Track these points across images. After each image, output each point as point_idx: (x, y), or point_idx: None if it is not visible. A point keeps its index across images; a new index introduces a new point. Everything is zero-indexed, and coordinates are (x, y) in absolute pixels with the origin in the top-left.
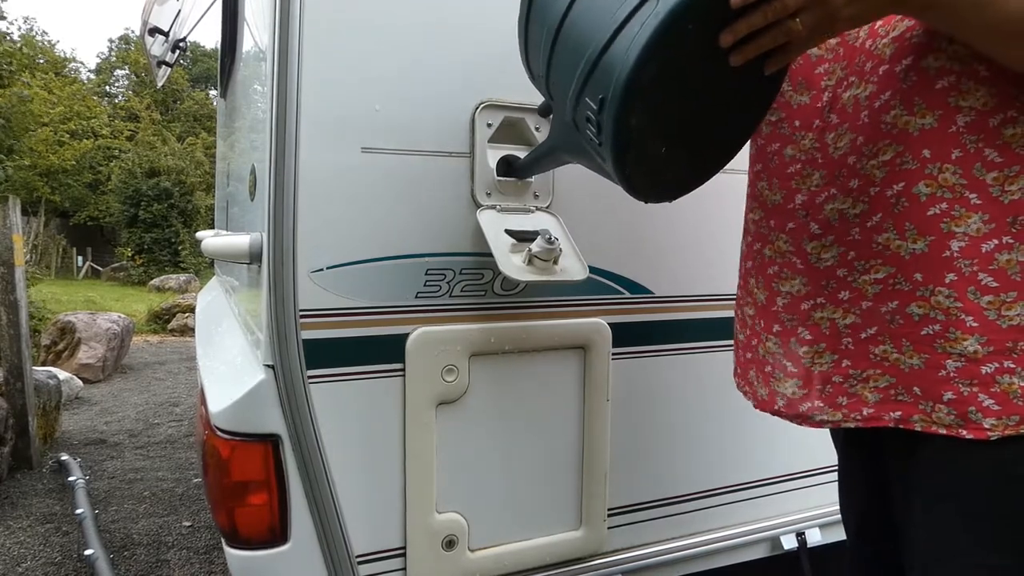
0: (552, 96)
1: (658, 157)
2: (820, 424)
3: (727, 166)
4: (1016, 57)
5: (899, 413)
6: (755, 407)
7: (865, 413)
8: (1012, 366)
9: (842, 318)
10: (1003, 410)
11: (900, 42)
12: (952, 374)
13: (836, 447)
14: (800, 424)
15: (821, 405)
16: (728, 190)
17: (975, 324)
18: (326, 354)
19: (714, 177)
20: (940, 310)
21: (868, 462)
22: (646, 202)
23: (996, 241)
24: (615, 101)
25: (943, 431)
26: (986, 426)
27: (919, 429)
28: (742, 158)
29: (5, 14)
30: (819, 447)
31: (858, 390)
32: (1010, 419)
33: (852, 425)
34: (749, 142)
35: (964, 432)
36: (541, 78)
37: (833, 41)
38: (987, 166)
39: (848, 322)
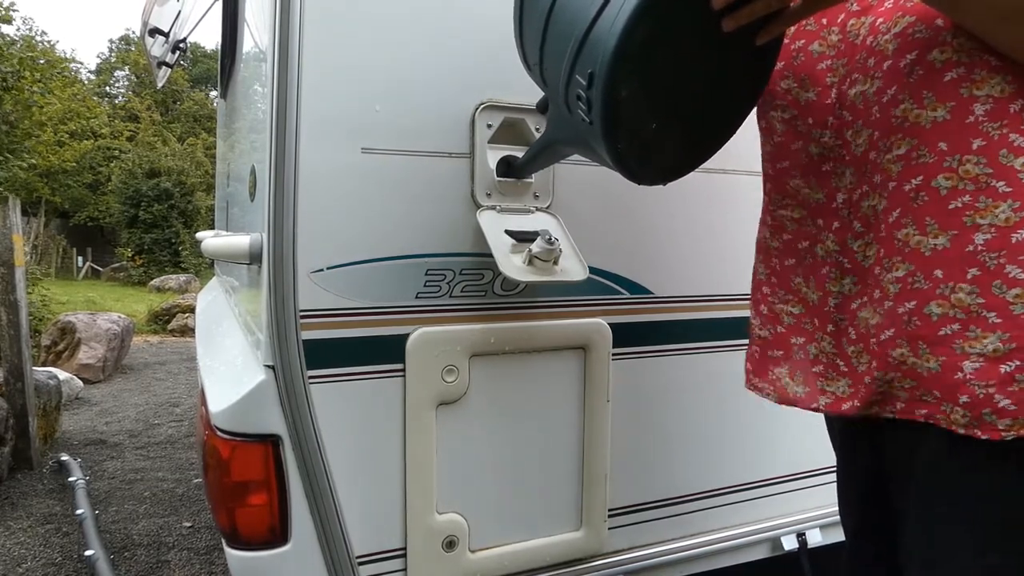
0: (546, 83)
1: (649, 133)
2: (857, 418)
3: (728, 167)
4: (1011, 40)
5: (925, 411)
6: (777, 402)
7: (898, 407)
8: None
9: (871, 318)
10: (1019, 410)
11: (902, 38)
12: (969, 376)
13: (834, 447)
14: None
15: (858, 405)
16: (729, 191)
17: (998, 320)
18: (326, 354)
19: (715, 178)
20: (960, 308)
21: (871, 460)
22: (639, 183)
23: None
24: (603, 72)
25: (961, 431)
26: (1000, 427)
27: (944, 427)
28: (746, 159)
29: (12, 17)
30: (819, 448)
31: (887, 390)
32: None
33: (890, 415)
34: (762, 137)
35: (978, 432)
36: (535, 66)
37: (834, 38)
38: (1014, 151)
39: (874, 323)
